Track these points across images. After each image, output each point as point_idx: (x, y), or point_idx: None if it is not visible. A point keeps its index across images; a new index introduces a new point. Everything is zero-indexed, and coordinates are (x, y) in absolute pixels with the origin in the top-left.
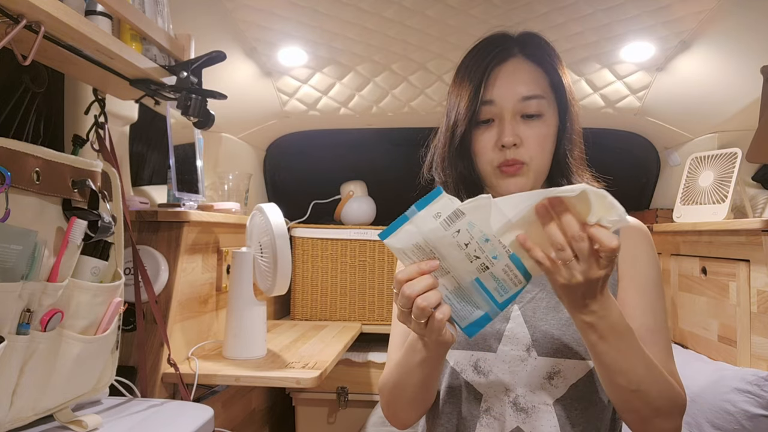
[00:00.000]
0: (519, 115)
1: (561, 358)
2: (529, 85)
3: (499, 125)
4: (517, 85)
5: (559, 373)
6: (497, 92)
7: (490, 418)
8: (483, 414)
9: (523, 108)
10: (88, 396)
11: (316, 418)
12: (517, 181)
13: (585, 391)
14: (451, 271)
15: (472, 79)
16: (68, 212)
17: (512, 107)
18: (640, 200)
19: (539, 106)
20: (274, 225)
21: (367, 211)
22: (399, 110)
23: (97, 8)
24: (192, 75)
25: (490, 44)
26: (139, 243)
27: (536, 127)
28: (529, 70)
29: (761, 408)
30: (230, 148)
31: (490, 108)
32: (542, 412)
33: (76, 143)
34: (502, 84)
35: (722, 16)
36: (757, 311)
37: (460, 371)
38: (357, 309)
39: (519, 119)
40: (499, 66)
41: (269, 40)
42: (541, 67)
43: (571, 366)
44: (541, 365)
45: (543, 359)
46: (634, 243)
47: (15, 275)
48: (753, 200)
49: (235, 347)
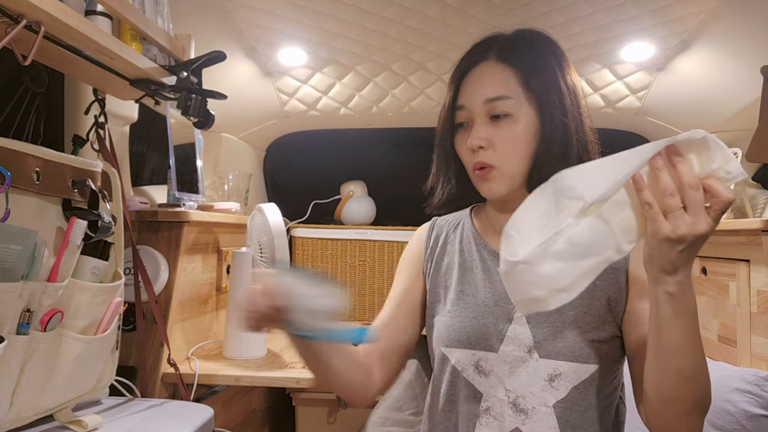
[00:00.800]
0: (488, 117)
1: (562, 360)
2: (495, 86)
3: (470, 128)
4: (482, 87)
5: (560, 375)
6: (466, 96)
7: (490, 417)
8: (483, 413)
9: (489, 110)
10: (88, 396)
11: (316, 418)
12: (489, 186)
13: (586, 394)
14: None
15: (451, 85)
16: (68, 212)
17: (479, 110)
18: None
19: (505, 107)
20: (272, 225)
21: (367, 211)
22: (399, 110)
23: (97, 8)
24: (192, 75)
25: (474, 49)
26: (139, 243)
27: (504, 127)
28: (498, 71)
29: (761, 408)
30: (230, 148)
31: (462, 112)
32: (542, 414)
33: (76, 143)
34: (470, 88)
35: (722, 16)
36: (757, 311)
37: (461, 370)
38: (357, 309)
39: (488, 121)
40: (470, 71)
41: (269, 40)
42: (514, 68)
43: (573, 369)
44: (542, 367)
45: (544, 361)
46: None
47: (15, 275)
48: (753, 200)
49: (235, 347)
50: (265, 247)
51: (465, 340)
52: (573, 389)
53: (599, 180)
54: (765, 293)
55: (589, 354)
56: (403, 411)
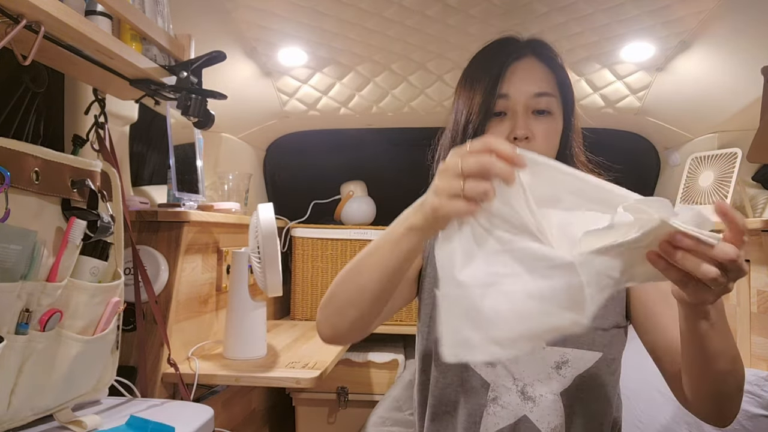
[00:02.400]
0: (530, 111)
1: (569, 347)
2: (541, 82)
3: (512, 118)
4: (530, 81)
5: (567, 362)
6: (513, 87)
7: (498, 406)
8: (490, 403)
9: (534, 104)
10: (88, 396)
11: (316, 418)
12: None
13: (592, 381)
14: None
15: (489, 73)
16: (67, 212)
17: (525, 102)
18: None
19: (549, 104)
20: (262, 223)
21: (367, 211)
22: (399, 110)
23: (97, 8)
24: (192, 75)
25: (504, 44)
26: (139, 243)
27: (545, 122)
28: (541, 69)
29: (761, 408)
30: (230, 148)
31: (505, 102)
32: (549, 401)
33: (76, 143)
34: (517, 79)
35: (722, 16)
36: (757, 311)
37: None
38: None
39: (530, 114)
40: (515, 63)
41: (269, 40)
42: (550, 68)
43: (579, 356)
44: (550, 355)
45: (551, 348)
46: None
47: (14, 275)
48: (753, 200)
49: (235, 347)
50: (260, 247)
51: None
52: (578, 377)
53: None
54: (765, 293)
55: (593, 340)
56: (403, 411)
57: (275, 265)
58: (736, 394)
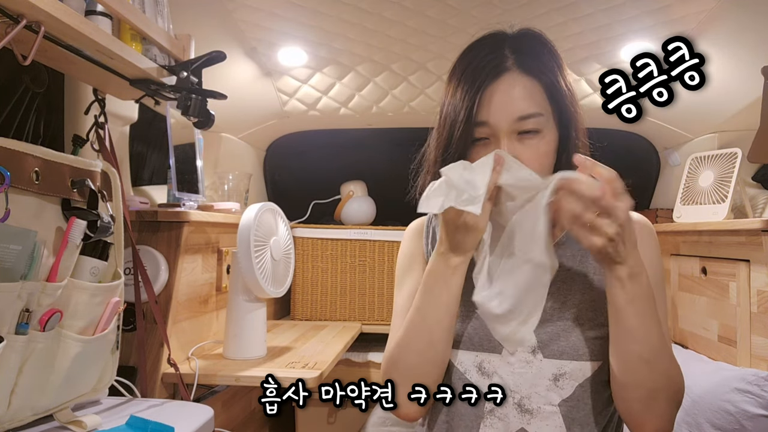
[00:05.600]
0: (515, 134)
1: (567, 360)
2: (524, 102)
3: (496, 144)
4: (511, 104)
5: (565, 374)
6: (492, 114)
7: (494, 418)
8: (487, 415)
9: (518, 127)
10: (88, 396)
11: (316, 418)
12: None
13: (591, 391)
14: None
15: (466, 98)
16: (67, 212)
17: (508, 127)
18: (641, 200)
19: (537, 124)
20: (242, 225)
21: (367, 211)
22: (399, 110)
23: (97, 8)
24: (192, 75)
25: (484, 51)
26: (139, 243)
27: (534, 145)
28: (525, 85)
29: (761, 408)
30: (230, 148)
31: (485, 129)
32: (548, 413)
33: (76, 143)
34: (497, 102)
35: (722, 16)
36: (757, 311)
37: (463, 371)
38: (357, 309)
39: (515, 137)
40: (493, 83)
41: (269, 40)
42: (537, 80)
43: (577, 367)
44: (547, 367)
45: (548, 361)
46: (640, 239)
47: (14, 275)
48: (753, 200)
49: (235, 347)
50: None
51: (468, 342)
52: (578, 387)
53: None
54: (765, 293)
55: (592, 351)
56: None
57: (249, 264)
58: (651, 398)
